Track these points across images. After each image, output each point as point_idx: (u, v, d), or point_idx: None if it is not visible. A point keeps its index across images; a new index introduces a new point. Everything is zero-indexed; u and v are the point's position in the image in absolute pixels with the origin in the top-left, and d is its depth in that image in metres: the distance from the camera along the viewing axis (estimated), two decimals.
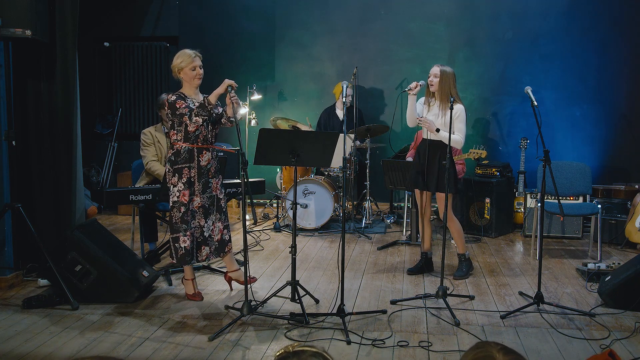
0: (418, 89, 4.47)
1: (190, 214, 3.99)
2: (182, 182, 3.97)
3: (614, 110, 7.06)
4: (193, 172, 3.99)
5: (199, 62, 4.01)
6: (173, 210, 3.99)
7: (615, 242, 5.84)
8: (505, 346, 1.32)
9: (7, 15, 4.11)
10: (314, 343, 3.38)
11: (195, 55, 4.01)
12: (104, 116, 7.99)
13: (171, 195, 4.00)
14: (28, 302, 3.95)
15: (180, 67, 3.97)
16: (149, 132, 5.11)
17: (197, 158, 3.99)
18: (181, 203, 3.97)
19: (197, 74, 3.99)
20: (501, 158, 7.21)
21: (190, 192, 3.99)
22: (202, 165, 4.00)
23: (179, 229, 3.98)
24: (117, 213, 7.34)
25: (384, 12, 7.52)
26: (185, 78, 4.00)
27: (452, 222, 4.64)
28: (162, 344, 3.38)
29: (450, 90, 4.42)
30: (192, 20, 7.85)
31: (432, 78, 4.49)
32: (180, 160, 3.96)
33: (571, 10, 7.07)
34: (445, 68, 4.47)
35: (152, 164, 5.03)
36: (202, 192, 4.03)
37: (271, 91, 7.80)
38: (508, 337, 3.51)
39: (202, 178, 4.01)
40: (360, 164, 6.78)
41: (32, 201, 4.53)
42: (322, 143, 3.82)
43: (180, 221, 3.98)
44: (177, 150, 3.96)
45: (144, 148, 5.06)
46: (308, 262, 5.18)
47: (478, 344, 1.35)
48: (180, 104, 3.91)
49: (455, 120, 4.44)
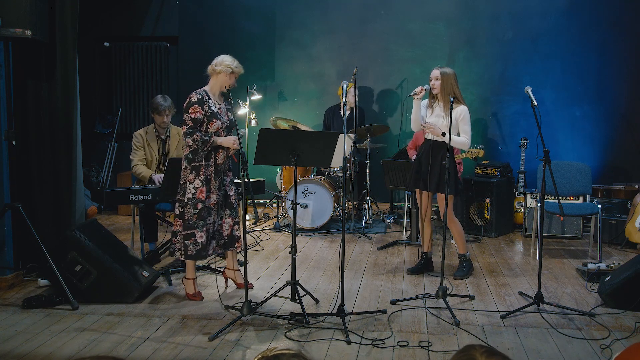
0: (423, 93, 4.47)
1: (206, 211, 4.03)
2: (200, 179, 4.01)
3: (614, 110, 7.06)
4: (210, 170, 4.04)
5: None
6: (187, 207, 4.01)
7: (615, 242, 5.84)
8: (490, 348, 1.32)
9: (7, 15, 4.11)
10: (313, 343, 3.39)
11: (242, 70, 4.16)
12: (104, 116, 7.99)
13: (186, 192, 4.02)
14: (28, 302, 3.95)
15: (233, 70, 4.05)
16: (139, 134, 5.12)
17: (214, 157, 4.05)
18: (198, 200, 4.01)
19: (234, 84, 4.14)
20: (501, 158, 7.21)
21: (207, 190, 4.03)
22: (218, 163, 4.07)
23: (194, 225, 4.01)
24: (117, 213, 7.34)
25: (384, 12, 7.52)
26: (223, 80, 4.06)
27: (453, 223, 4.63)
28: (162, 344, 3.38)
29: (453, 90, 4.42)
30: (192, 20, 7.85)
31: (433, 81, 4.48)
32: (197, 158, 4.01)
33: (571, 10, 7.07)
34: (445, 70, 4.46)
35: (138, 167, 5.06)
36: (218, 189, 4.08)
37: (271, 91, 7.80)
38: (508, 337, 3.51)
39: (218, 176, 4.08)
40: (360, 164, 6.78)
41: (32, 201, 4.53)
42: (322, 143, 3.82)
43: (197, 217, 4.01)
44: (195, 149, 3.99)
45: (133, 151, 5.10)
46: (308, 262, 5.18)
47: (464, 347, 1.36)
48: (195, 111, 3.95)
49: (459, 122, 4.44)
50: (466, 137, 4.46)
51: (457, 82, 4.47)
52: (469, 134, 4.48)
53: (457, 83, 4.47)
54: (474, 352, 1.31)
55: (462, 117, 4.44)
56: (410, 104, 4.80)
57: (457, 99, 4.41)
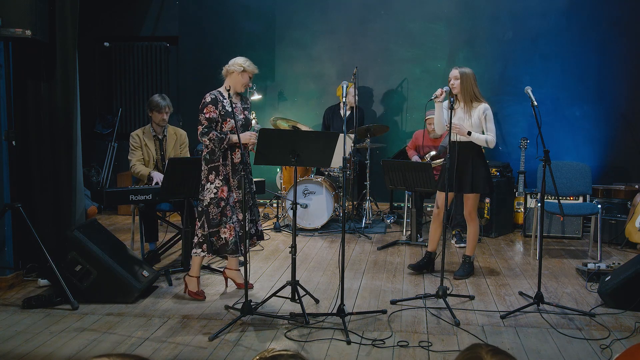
0: (444, 95, 4.47)
1: (230, 209, 4.07)
2: (220, 179, 4.06)
3: (614, 110, 7.06)
4: (228, 169, 4.09)
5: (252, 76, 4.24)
6: (210, 207, 4.04)
7: (615, 242, 5.84)
8: (495, 348, 1.32)
9: (7, 15, 4.10)
10: (313, 343, 3.39)
11: (257, 70, 4.27)
12: (104, 116, 7.99)
13: (207, 192, 4.06)
14: (28, 302, 3.95)
15: (245, 68, 4.13)
16: (137, 135, 5.13)
17: (230, 156, 4.09)
18: (220, 198, 4.05)
19: (248, 83, 4.22)
20: (501, 158, 7.21)
21: (228, 189, 4.08)
22: (235, 162, 4.10)
23: (219, 223, 4.05)
24: (117, 213, 7.34)
25: (384, 12, 7.52)
26: (236, 80, 4.13)
27: (474, 222, 4.65)
28: (162, 344, 3.38)
29: (473, 89, 4.44)
30: (192, 20, 7.85)
31: (452, 81, 4.48)
32: (215, 158, 4.06)
33: (571, 10, 7.07)
34: (464, 69, 4.47)
35: (136, 166, 5.07)
36: (238, 187, 4.12)
37: (271, 91, 7.80)
38: (508, 337, 3.51)
39: (236, 175, 4.11)
40: (360, 164, 6.78)
41: (32, 201, 4.53)
42: (322, 143, 3.82)
43: (220, 215, 4.05)
44: (212, 149, 4.03)
45: (131, 152, 5.11)
46: (308, 262, 5.18)
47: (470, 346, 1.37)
48: (209, 110, 4.01)
49: (483, 120, 4.45)
50: (492, 135, 4.47)
51: (476, 82, 4.49)
52: (494, 132, 4.48)
53: (476, 82, 4.49)
54: (480, 351, 1.31)
55: (486, 116, 4.46)
56: (411, 104, 4.81)
57: (477, 97, 4.43)
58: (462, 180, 4.52)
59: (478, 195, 4.61)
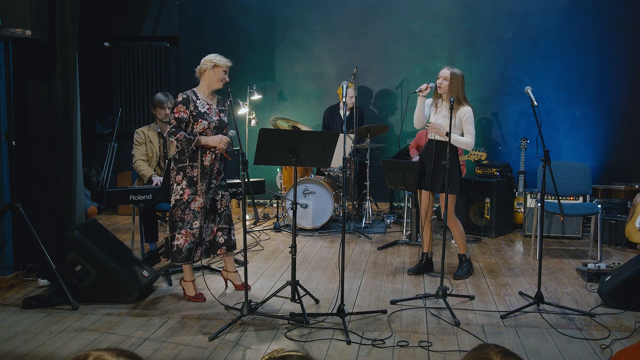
0: (428, 90, 4.47)
1: (191, 214, 3.99)
2: (185, 181, 3.98)
3: (614, 110, 7.06)
4: (196, 171, 4.00)
5: (227, 70, 4.08)
6: (174, 208, 4.00)
7: (615, 242, 5.84)
8: (505, 349, 1.32)
9: (7, 15, 4.10)
10: (313, 343, 3.39)
11: (230, 62, 4.08)
12: (104, 116, 7.99)
13: (174, 193, 4.01)
14: (28, 302, 3.95)
15: (215, 63, 3.98)
16: (141, 131, 5.14)
17: (200, 158, 4.00)
18: (183, 202, 3.98)
19: (224, 78, 4.05)
20: (501, 158, 7.21)
21: (192, 192, 3.99)
22: (205, 165, 4.01)
23: (175, 227, 3.99)
24: (117, 213, 7.34)
25: (384, 12, 7.52)
26: (210, 77, 4.01)
27: (454, 223, 4.63)
28: (162, 344, 3.38)
29: (459, 92, 4.42)
30: (192, 20, 7.85)
31: (441, 80, 4.47)
32: (183, 158, 3.99)
33: (571, 10, 7.07)
34: (455, 71, 4.46)
35: (139, 163, 5.06)
36: (206, 192, 4.04)
37: (271, 91, 7.80)
38: (508, 337, 3.51)
39: (205, 178, 4.02)
40: (360, 164, 6.78)
41: (32, 201, 4.53)
42: (322, 143, 3.82)
43: (179, 219, 3.99)
44: (181, 148, 3.98)
45: (135, 147, 5.11)
46: (308, 262, 5.18)
47: (478, 346, 1.36)
48: (179, 110, 3.94)
49: (464, 123, 4.44)
50: (470, 138, 4.46)
51: (463, 85, 4.48)
52: (473, 134, 4.47)
53: (463, 85, 4.48)
54: (489, 351, 1.31)
55: (467, 118, 4.44)
56: (411, 104, 4.80)
57: (460, 100, 4.41)
58: (435, 179, 4.53)
59: (455, 197, 4.58)
